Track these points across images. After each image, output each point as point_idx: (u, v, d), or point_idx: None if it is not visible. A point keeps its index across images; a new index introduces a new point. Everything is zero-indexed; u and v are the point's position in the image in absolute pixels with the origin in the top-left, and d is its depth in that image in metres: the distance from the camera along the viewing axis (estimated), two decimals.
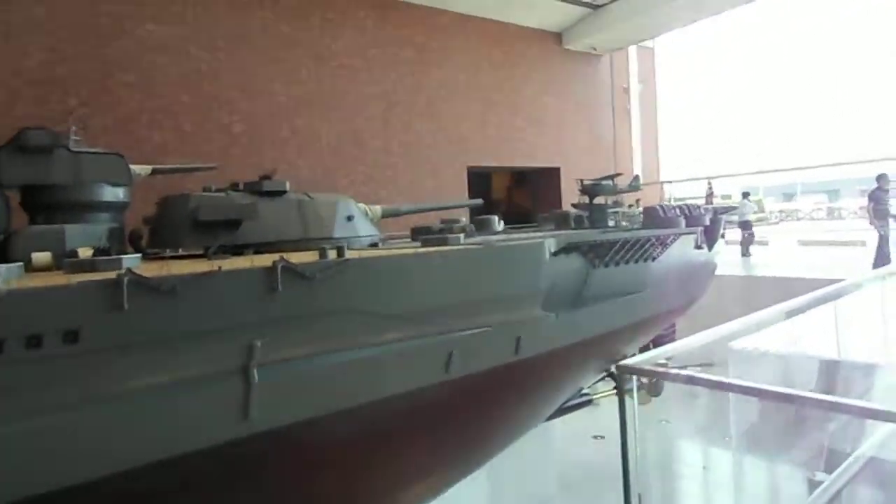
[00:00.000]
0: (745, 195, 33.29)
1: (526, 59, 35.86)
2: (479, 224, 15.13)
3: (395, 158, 30.38)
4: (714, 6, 33.23)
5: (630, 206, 22.02)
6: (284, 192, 9.57)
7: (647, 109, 41.97)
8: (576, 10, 35.59)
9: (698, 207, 16.92)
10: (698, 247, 16.37)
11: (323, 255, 7.27)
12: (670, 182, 41.62)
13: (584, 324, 11.10)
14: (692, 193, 42.77)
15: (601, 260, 11.40)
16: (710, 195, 32.30)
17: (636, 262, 12.49)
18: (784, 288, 18.87)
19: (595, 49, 38.34)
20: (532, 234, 12.97)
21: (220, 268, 5.76)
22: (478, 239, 10.98)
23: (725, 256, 28.96)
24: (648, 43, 41.10)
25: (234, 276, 5.81)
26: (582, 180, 23.06)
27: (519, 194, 44.45)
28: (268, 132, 26.55)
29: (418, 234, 10.52)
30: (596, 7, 35.25)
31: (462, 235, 10.02)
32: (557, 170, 37.79)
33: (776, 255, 33.84)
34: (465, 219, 15.58)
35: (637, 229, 13.87)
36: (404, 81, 30.84)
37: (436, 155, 31.93)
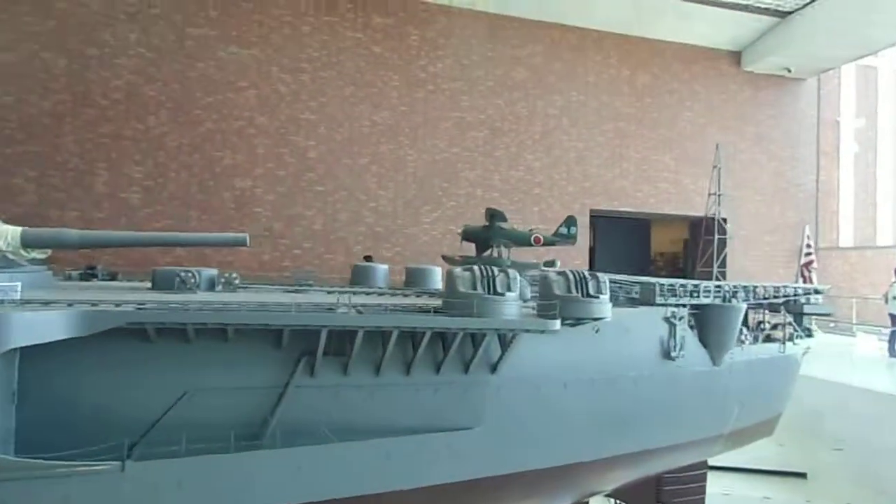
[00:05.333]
0: None
1: (685, 83, 29.86)
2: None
3: (494, 195, 26.92)
4: None
5: (547, 263, 14.54)
6: None
7: (866, 149, 31.96)
8: (757, 22, 28.68)
9: (675, 285, 11.28)
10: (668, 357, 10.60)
11: None
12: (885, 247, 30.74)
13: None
14: None
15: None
16: (807, 266, 20.85)
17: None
18: None
19: (790, 70, 30.49)
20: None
21: None
22: None
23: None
24: (870, 60, 31.43)
25: None
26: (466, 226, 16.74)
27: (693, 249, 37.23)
28: (346, 158, 25.27)
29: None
30: (785, 14, 27.97)
31: None
32: (723, 221, 30.36)
33: None
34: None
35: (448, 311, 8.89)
36: (514, 108, 27.50)
37: (548, 195, 27.66)
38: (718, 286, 12.00)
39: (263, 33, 24.41)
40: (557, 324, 8.70)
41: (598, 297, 9.08)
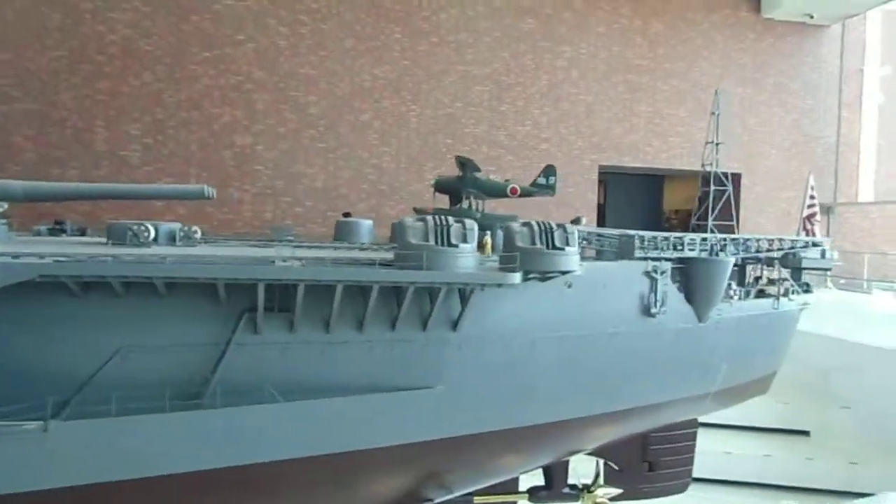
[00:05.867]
0: None
1: (700, 32, 28.63)
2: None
3: (499, 151, 26.37)
4: None
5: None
6: None
7: (892, 98, 30.61)
8: None
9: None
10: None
11: None
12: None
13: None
14: None
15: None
16: (810, 219, 19.81)
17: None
18: None
19: (813, 17, 29.07)
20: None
21: None
22: None
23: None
24: None
25: None
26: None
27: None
28: (347, 114, 24.78)
29: None
30: None
31: None
32: (737, 177, 29.47)
33: None
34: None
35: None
36: (521, 60, 26.62)
37: (556, 150, 26.97)
38: (705, 239, 11.53)
39: None
40: (517, 277, 8.22)
41: (562, 250, 8.59)
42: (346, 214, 18.44)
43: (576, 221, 14.71)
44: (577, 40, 27.10)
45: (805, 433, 17.74)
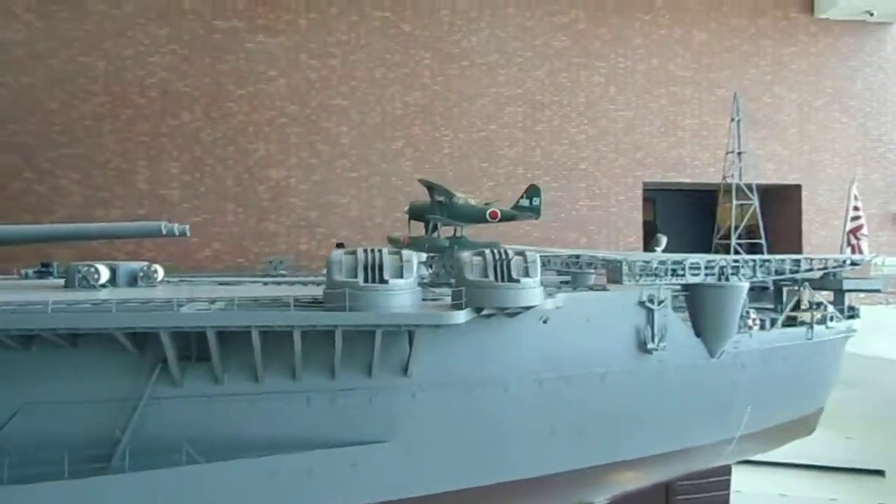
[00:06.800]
0: None
1: (747, 38, 27.23)
2: None
3: (536, 172, 25.67)
4: None
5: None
6: None
7: None
8: None
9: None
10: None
11: None
12: None
13: None
14: None
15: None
16: (854, 233, 17.09)
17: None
18: None
19: (873, 14, 27.15)
20: None
21: None
22: None
23: None
24: None
25: None
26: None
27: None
28: (379, 143, 24.78)
29: None
30: None
31: None
32: (797, 188, 27.76)
33: None
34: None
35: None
36: (556, 78, 26.00)
37: (595, 169, 26.06)
38: (711, 261, 10.15)
39: (290, 19, 24.20)
40: (460, 316, 7.33)
41: (518, 282, 7.56)
42: (340, 245, 18.05)
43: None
44: (613, 55, 26.28)
45: (879, 473, 15.87)
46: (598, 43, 26.24)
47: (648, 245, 28.01)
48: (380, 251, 7.55)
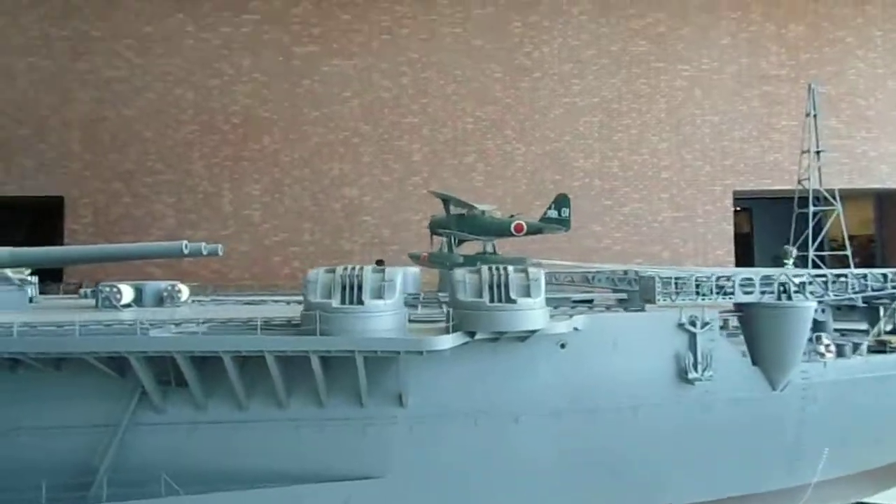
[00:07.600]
0: None
1: (852, 30, 24.76)
2: None
3: (614, 184, 24.63)
4: None
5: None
6: None
7: None
8: None
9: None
10: None
11: None
12: None
13: None
14: None
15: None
16: None
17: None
18: None
19: None
20: None
21: None
22: None
23: None
24: None
25: None
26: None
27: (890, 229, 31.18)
28: (451, 159, 24.75)
29: None
30: None
31: None
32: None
33: None
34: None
35: None
36: (634, 85, 24.87)
37: (678, 178, 24.59)
38: (768, 277, 8.73)
39: (363, 41, 24.77)
40: (445, 341, 6.70)
41: (514, 303, 6.82)
42: (379, 262, 17.89)
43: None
44: (697, 56, 24.79)
45: None
46: (681, 45, 24.85)
47: (742, 260, 25.98)
48: (361, 269, 7.11)
